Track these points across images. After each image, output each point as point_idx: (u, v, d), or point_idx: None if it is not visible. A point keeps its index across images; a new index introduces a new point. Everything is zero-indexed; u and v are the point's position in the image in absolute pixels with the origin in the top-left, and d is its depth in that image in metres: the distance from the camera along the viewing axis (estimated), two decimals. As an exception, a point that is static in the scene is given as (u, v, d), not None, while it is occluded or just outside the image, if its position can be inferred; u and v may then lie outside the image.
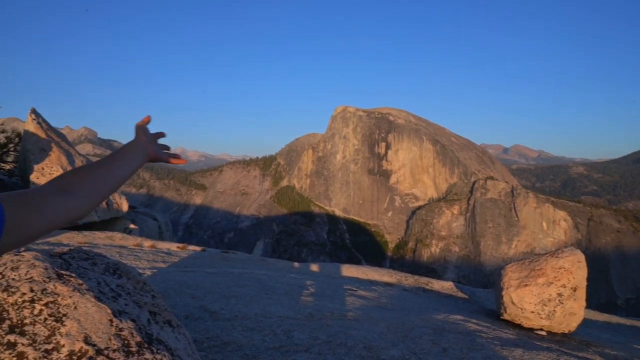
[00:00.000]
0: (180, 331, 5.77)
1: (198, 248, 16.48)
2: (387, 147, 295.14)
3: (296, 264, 15.93)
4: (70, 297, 4.51)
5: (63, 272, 4.88)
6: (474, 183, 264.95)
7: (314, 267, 15.99)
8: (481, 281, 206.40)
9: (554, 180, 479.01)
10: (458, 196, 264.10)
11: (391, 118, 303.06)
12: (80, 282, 4.83)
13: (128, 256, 12.64)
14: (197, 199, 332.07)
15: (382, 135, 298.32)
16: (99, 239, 14.98)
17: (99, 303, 4.63)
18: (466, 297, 15.02)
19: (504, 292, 11.65)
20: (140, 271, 11.14)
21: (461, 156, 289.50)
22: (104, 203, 17.31)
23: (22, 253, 4.91)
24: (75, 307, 4.44)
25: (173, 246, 15.73)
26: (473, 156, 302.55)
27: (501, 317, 11.92)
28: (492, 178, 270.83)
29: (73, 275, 4.91)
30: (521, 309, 11.23)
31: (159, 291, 9.75)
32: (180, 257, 13.72)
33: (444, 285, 15.67)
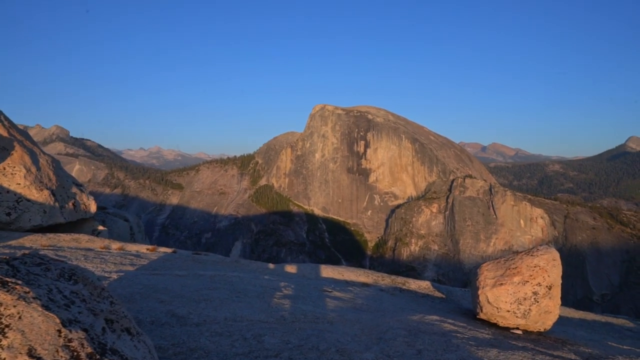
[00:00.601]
0: (140, 339, 5.52)
1: (169, 250, 16.12)
2: (366, 146, 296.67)
3: (271, 265, 15.74)
4: (15, 306, 4.25)
5: (8, 279, 4.60)
6: (452, 181, 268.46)
7: (290, 268, 15.81)
8: (461, 279, 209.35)
9: (531, 178, 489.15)
10: (437, 194, 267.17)
11: (370, 116, 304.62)
12: (27, 289, 4.56)
13: (94, 259, 12.24)
14: (174, 198, 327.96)
15: (361, 133, 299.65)
16: (64, 241, 14.49)
17: (47, 312, 4.38)
18: (443, 296, 15.06)
19: (479, 292, 11.68)
20: (106, 275, 10.79)
21: (440, 155, 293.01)
22: (70, 204, 16.77)
23: (-37, 259, 4.62)
24: (19, 317, 4.18)
25: (143, 248, 15.34)
26: (452, 154, 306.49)
27: (477, 317, 11.96)
28: (470, 176, 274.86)
29: (19, 282, 4.63)
30: (497, 308, 11.28)
31: (124, 296, 9.44)
32: (149, 260, 13.38)
33: (421, 285, 15.68)
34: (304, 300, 11.02)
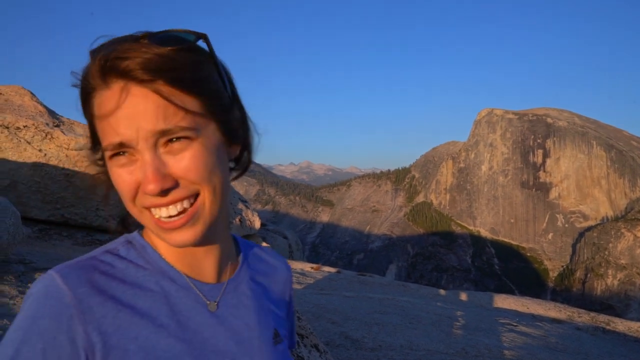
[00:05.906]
0: (327, 357, 6.08)
1: (333, 270, 17.09)
2: (545, 155, 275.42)
3: (442, 292, 15.68)
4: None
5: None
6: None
7: (463, 296, 15.57)
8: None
9: None
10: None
11: (549, 120, 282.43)
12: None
13: (263, 276, 13.60)
14: (324, 216, 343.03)
15: (538, 141, 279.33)
16: (234, 257, 16.29)
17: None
18: (664, 342, 13.32)
19: None
20: (276, 292, 11.93)
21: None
22: (237, 220, 18.83)
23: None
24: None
25: (307, 266, 16.53)
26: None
27: None
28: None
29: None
30: None
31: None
32: (315, 279, 14.36)
33: (632, 327, 14.09)
34: (485, 332, 10.78)
